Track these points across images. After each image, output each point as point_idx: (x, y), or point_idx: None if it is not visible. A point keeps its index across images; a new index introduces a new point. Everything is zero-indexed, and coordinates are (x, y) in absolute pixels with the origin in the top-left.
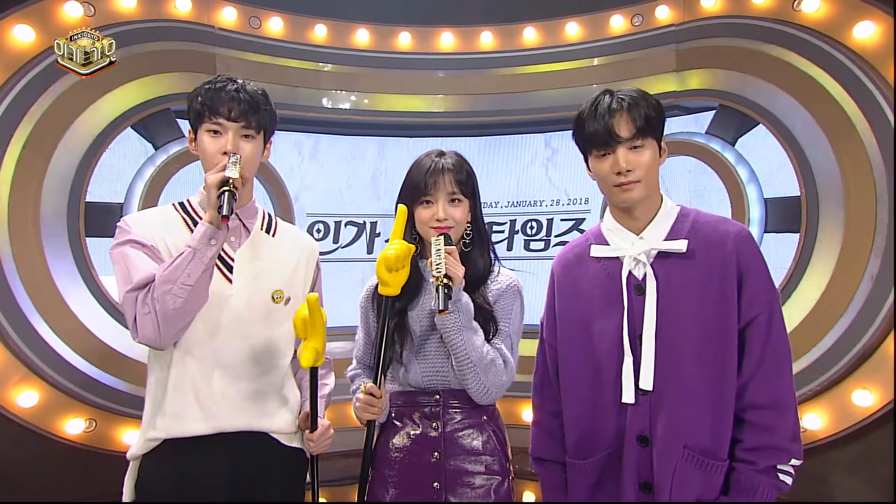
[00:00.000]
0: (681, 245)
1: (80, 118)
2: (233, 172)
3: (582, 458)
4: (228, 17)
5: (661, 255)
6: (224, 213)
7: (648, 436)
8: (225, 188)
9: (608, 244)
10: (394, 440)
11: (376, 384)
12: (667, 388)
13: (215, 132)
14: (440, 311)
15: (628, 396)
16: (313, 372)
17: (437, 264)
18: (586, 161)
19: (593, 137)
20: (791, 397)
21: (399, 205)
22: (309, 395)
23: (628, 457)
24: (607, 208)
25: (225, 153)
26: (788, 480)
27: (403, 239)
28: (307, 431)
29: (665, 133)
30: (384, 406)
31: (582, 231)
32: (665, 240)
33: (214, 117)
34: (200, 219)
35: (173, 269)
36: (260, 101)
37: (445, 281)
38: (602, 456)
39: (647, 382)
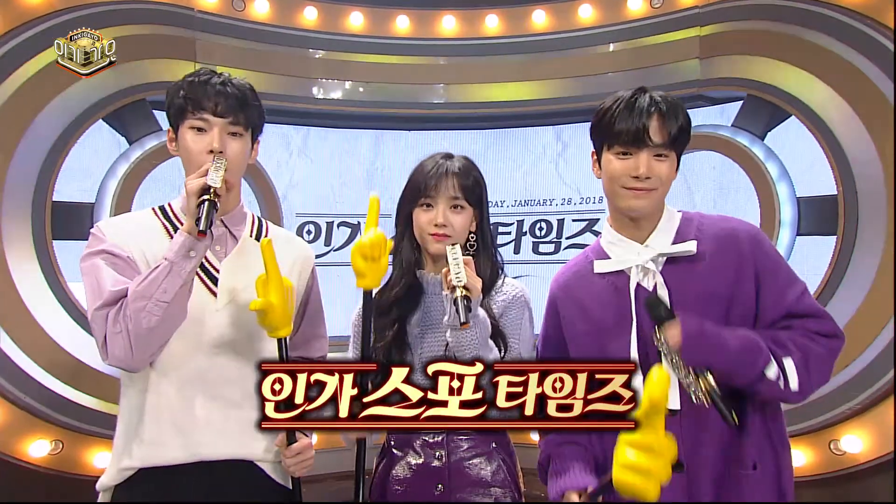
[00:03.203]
0: (690, 247)
1: (46, 109)
2: (215, 180)
3: None
4: None
5: (670, 262)
6: (201, 228)
7: (684, 461)
8: (205, 197)
9: (610, 258)
10: (393, 471)
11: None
12: (697, 404)
13: (199, 129)
14: (462, 324)
15: None
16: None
17: (456, 273)
18: (598, 155)
19: (622, 134)
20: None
21: (371, 195)
22: None
23: (667, 488)
24: (606, 222)
25: (210, 152)
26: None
27: (401, 244)
28: (284, 448)
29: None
30: None
31: (595, 233)
32: (672, 244)
33: (199, 112)
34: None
35: (147, 283)
36: (248, 95)
37: (465, 292)
38: None
39: (674, 401)
